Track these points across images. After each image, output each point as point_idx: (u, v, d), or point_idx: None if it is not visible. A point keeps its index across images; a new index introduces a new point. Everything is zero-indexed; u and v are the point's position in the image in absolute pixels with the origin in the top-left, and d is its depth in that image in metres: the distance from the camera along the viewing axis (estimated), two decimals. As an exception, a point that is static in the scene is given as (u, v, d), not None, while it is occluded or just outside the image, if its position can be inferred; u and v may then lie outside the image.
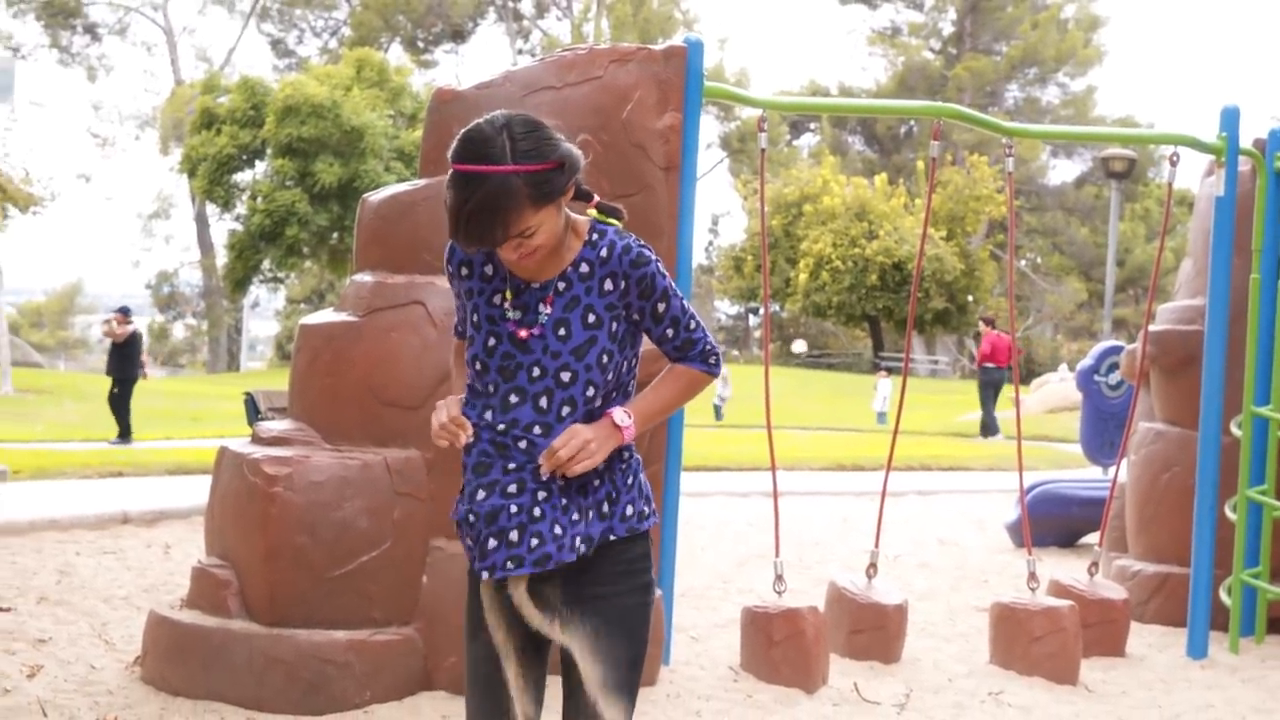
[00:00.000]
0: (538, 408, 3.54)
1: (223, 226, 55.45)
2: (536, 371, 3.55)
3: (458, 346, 3.88)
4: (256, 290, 59.38)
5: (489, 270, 3.66)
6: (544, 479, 3.51)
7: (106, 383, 21.04)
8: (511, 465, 3.53)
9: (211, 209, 56.66)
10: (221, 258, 57.90)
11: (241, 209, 50.98)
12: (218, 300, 65.23)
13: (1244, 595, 8.93)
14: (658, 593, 7.14)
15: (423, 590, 6.70)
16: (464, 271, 3.70)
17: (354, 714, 6.36)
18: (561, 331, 3.56)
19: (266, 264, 51.34)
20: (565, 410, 3.54)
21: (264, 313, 78.46)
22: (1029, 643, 7.88)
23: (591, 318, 3.57)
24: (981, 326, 31.14)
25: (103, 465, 14.90)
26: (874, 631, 8.08)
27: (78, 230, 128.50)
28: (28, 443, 18.86)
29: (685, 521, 12.64)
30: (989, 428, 28.60)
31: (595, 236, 3.61)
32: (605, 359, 3.57)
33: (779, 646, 7.36)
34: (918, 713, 7.06)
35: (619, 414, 3.59)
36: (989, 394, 28.85)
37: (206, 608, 6.68)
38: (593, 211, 3.68)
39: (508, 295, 3.61)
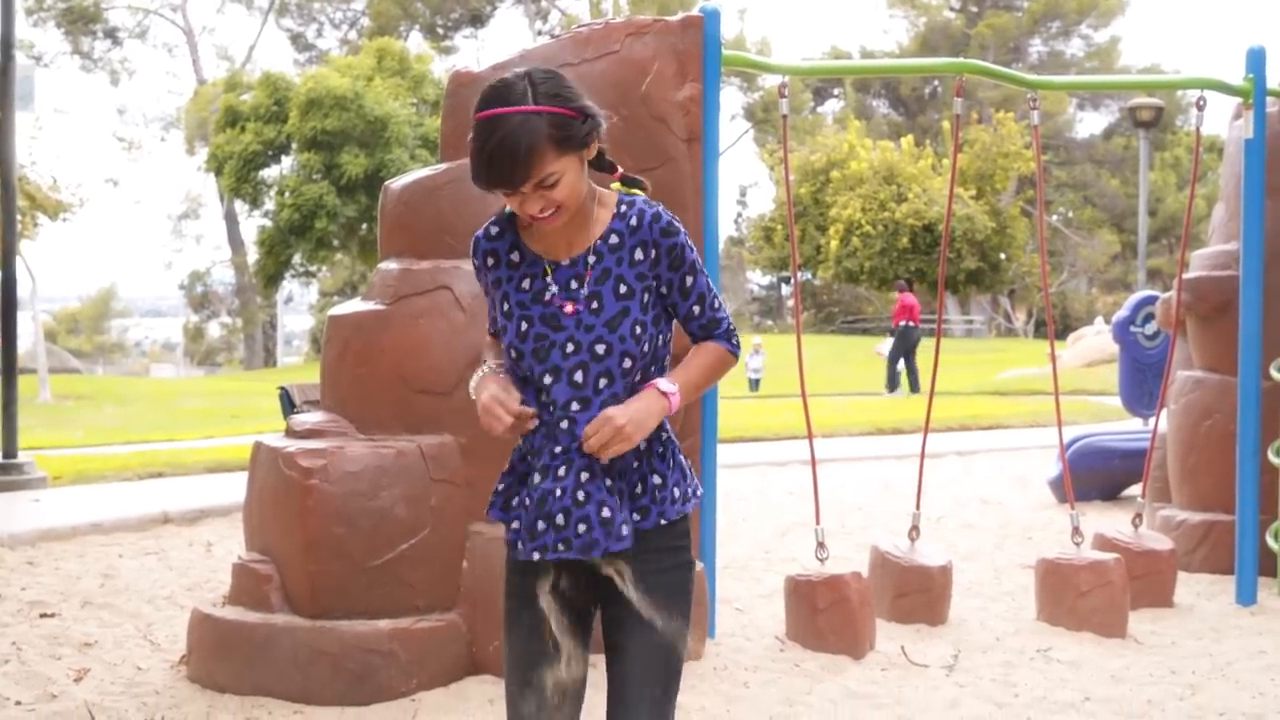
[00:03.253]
0: (573, 383, 3.51)
1: (252, 223, 55.78)
2: (570, 348, 3.51)
3: (491, 343, 3.84)
4: (289, 285, 59.68)
5: (515, 257, 3.63)
6: (586, 458, 3.49)
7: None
8: (558, 449, 3.52)
9: (240, 206, 56.92)
10: (252, 255, 58.09)
11: (270, 205, 51.14)
12: (251, 297, 65.49)
13: (1291, 540, 8.86)
14: (699, 566, 7.12)
15: (464, 575, 6.69)
16: (490, 262, 3.66)
17: (401, 703, 6.34)
18: (595, 305, 3.52)
19: (297, 258, 51.54)
20: (602, 383, 3.51)
21: (298, 307, 78.78)
22: (1076, 598, 7.84)
23: (623, 288, 3.53)
24: (898, 292, 32.07)
25: (142, 467, 14.90)
26: (919, 594, 8.04)
27: (109, 235, 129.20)
28: (68, 449, 18.93)
29: (725, 493, 12.60)
30: (894, 382, 29.85)
31: (624, 208, 3.58)
32: (639, 330, 3.53)
33: (824, 614, 7.32)
34: (967, 673, 7.02)
35: (664, 382, 3.55)
36: (909, 351, 29.86)
37: (249, 603, 6.68)
38: (617, 185, 3.66)
39: (548, 270, 3.58)
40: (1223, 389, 9.32)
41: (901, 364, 30.15)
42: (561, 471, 3.50)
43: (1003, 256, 60.16)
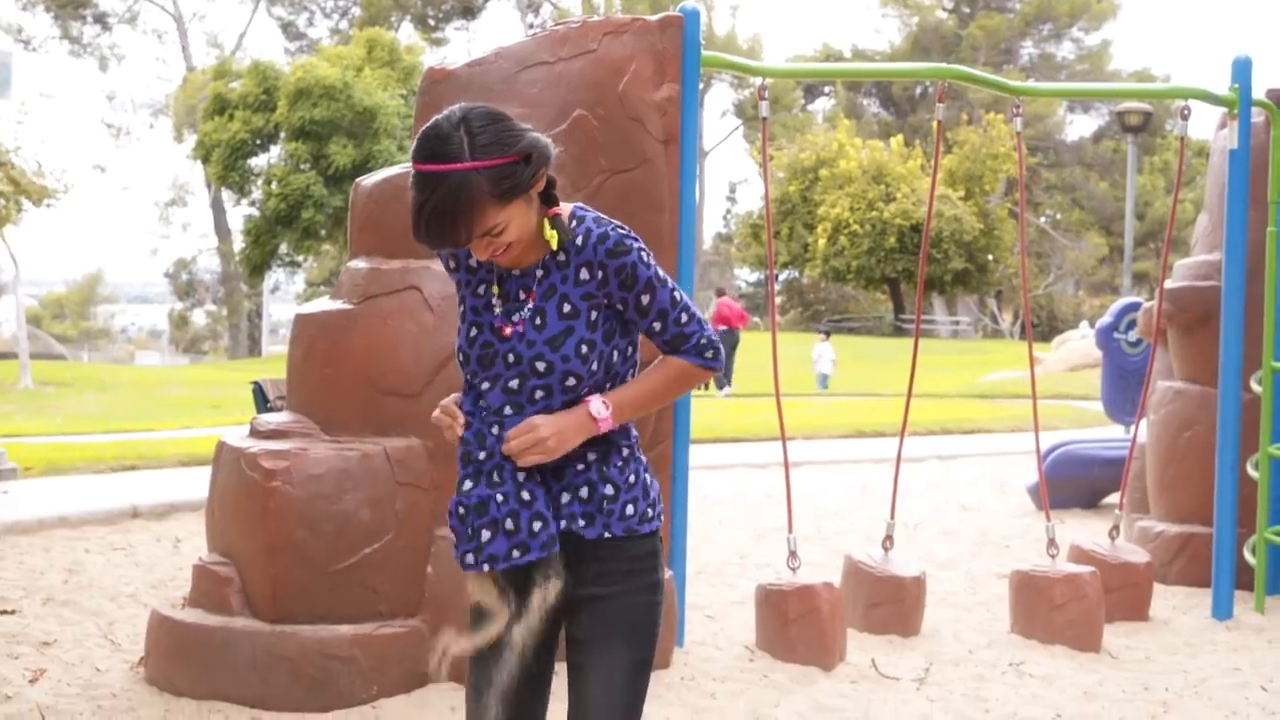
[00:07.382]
0: (507, 389, 3.43)
1: (239, 212, 55.41)
2: (511, 358, 3.44)
3: None
4: (275, 275, 59.35)
5: (473, 263, 3.57)
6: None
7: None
8: (483, 454, 3.43)
9: (227, 195, 56.62)
10: (238, 243, 57.84)
11: (257, 194, 50.87)
12: (236, 286, 65.26)
13: (1269, 553, 8.79)
14: (668, 574, 7.02)
15: (428, 581, 6.58)
16: (452, 264, 3.62)
17: (361, 709, 6.24)
18: (538, 321, 3.44)
19: (284, 248, 51.25)
20: (539, 394, 3.42)
21: (284, 296, 78.46)
22: (1050, 611, 7.75)
23: (567, 307, 3.43)
24: (717, 296, 34.41)
25: (115, 459, 14.78)
26: (892, 604, 7.95)
27: (96, 220, 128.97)
28: (43, 437, 18.78)
29: (702, 496, 12.54)
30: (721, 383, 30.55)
31: (573, 224, 3.46)
32: (585, 349, 3.43)
33: (795, 624, 7.23)
34: (938, 687, 6.93)
35: (596, 403, 3.44)
36: (730, 354, 30.53)
37: (209, 606, 6.56)
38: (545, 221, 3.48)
39: (495, 288, 3.51)
40: (1203, 400, 9.25)
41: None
42: (496, 476, 3.41)
43: (990, 258, 60.18)
